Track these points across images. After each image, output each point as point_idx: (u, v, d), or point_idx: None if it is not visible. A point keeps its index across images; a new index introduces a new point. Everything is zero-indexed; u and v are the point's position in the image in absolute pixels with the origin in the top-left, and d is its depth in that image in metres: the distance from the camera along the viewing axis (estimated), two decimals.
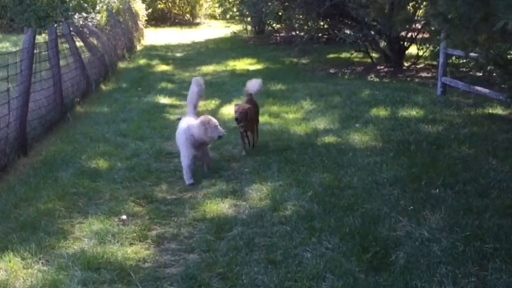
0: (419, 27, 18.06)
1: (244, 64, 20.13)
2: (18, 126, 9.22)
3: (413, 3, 16.37)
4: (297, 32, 23.66)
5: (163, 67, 20.31)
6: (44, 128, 10.67)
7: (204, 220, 6.82)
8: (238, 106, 9.23)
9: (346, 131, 10.43)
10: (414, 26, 17.89)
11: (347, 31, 19.29)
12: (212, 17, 41.81)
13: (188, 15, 40.69)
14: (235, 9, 32.78)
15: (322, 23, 21.41)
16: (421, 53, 18.43)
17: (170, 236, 6.47)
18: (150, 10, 34.61)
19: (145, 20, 32.47)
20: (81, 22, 24.71)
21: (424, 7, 16.07)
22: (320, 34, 21.59)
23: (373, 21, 17.41)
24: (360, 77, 16.95)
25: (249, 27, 30.12)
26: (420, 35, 18.67)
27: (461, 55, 12.90)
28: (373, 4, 15.79)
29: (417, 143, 9.43)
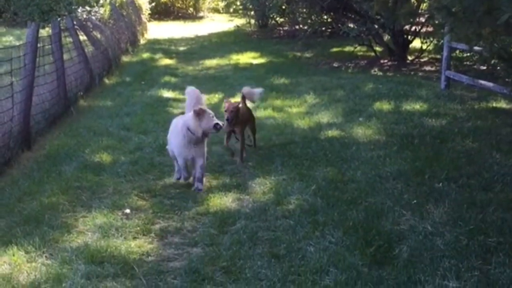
0: (423, 20, 17.99)
1: (248, 58, 20.10)
2: (21, 120, 9.23)
3: None
4: (301, 26, 23.61)
5: (167, 61, 20.29)
6: (47, 122, 10.68)
7: (208, 214, 6.83)
8: (228, 103, 8.60)
9: (350, 125, 10.42)
10: (418, 20, 17.82)
11: (351, 25, 19.26)
12: (216, 10, 41.70)
13: (191, 9, 40.59)
14: (238, 3, 32.75)
15: (325, 16, 21.39)
16: (425, 46, 18.38)
17: (173, 230, 6.48)
18: (153, 4, 34.53)
19: (148, 14, 32.43)
20: (84, 16, 24.75)
21: (428, 1, 16.04)
22: (323, 28, 21.58)
23: (376, 14, 17.35)
24: (363, 71, 16.92)
25: (252, 21, 30.06)
26: (424, 28, 18.63)
27: (465, 48, 12.86)
28: None
29: (421, 137, 9.42)
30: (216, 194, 7.37)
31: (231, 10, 36.48)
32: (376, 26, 18.08)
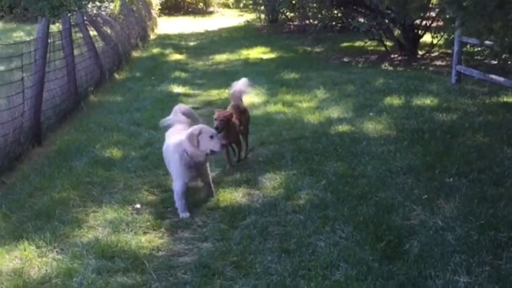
0: (433, 15, 17.93)
1: (258, 53, 20.09)
2: (32, 116, 9.26)
3: None
4: (311, 21, 23.58)
5: (177, 56, 20.30)
6: (58, 118, 10.72)
7: (218, 209, 6.84)
8: (219, 112, 7.98)
9: (360, 120, 10.40)
10: (428, 14, 17.77)
11: (361, 20, 19.19)
12: (226, 5, 41.72)
13: (201, 4, 40.61)
14: None
15: (335, 11, 21.32)
16: (435, 41, 18.31)
17: (183, 225, 6.49)
18: None
19: (159, 9, 32.49)
20: (94, 11, 24.80)
21: None
22: (333, 23, 21.52)
23: (387, 9, 17.27)
24: (374, 66, 16.87)
25: (262, 15, 30.04)
26: (434, 23, 18.55)
27: (476, 43, 12.83)
28: None
29: (431, 131, 9.39)
30: (226, 189, 7.38)
31: (241, 5, 36.56)
32: (386, 21, 18.01)
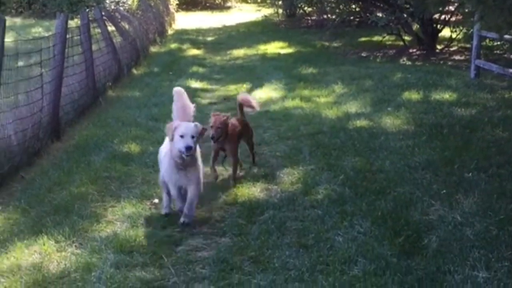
0: (452, 9, 17.83)
1: (275, 47, 20.08)
2: (51, 111, 9.30)
3: None
4: (329, 15, 23.56)
5: (194, 51, 20.34)
6: (76, 113, 10.76)
7: (236, 204, 6.84)
8: (215, 117, 7.37)
9: (378, 115, 10.37)
10: (447, 8, 17.66)
11: (379, 14, 19.16)
12: (243, 0, 41.70)
13: None
14: None
15: (354, 6, 21.29)
16: (454, 35, 18.23)
17: (202, 220, 6.49)
18: None
19: (176, 4, 32.54)
20: (112, 7, 24.87)
21: None
22: (351, 17, 21.50)
23: (405, 3, 17.24)
24: (392, 60, 16.82)
25: (280, 10, 30.03)
26: (453, 17, 18.45)
27: (495, 37, 12.77)
28: None
29: (450, 126, 9.34)
30: (244, 184, 7.37)
31: (258, 0, 36.46)
32: (405, 15, 17.96)
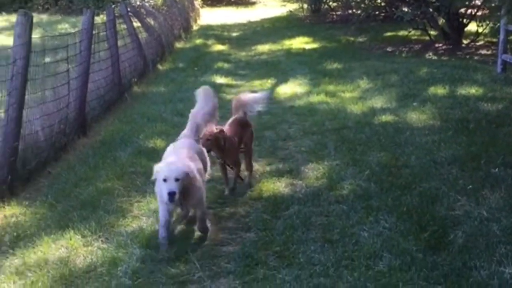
0: (478, 3, 17.70)
1: (300, 43, 20.05)
2: (77, 107, 9.37)
3: None
4: (354, 10, 23.48)
5: (219, 47, 20.35)
6: (102, 108, 10.82)
7: (261, 199, 6.84)
8: (206, 132, 6.75)
9: (404, 110, 10.32)
10: (473, 3, 17.54)
11: (405, 9, 19.04)
12: None
13: None
14: None
15: (379, 0, 21.19)
16: (480, 30, 18.05)
17: (227, 215, 6.51)
18: None
19: (201, 0, 32.54)
20: (138, 3, 24.87)
21: None
22: (377, 12, 21.39)
23: None
24: (417, 55, 16.73)
25: (305, 5, 29.97)
26: (479, 11, 18.29)
27: None
28: None
29: (476, 121, 9.28)
30: (269, 179, 7.38)
31: None
32: (430, 10, 17.84)
